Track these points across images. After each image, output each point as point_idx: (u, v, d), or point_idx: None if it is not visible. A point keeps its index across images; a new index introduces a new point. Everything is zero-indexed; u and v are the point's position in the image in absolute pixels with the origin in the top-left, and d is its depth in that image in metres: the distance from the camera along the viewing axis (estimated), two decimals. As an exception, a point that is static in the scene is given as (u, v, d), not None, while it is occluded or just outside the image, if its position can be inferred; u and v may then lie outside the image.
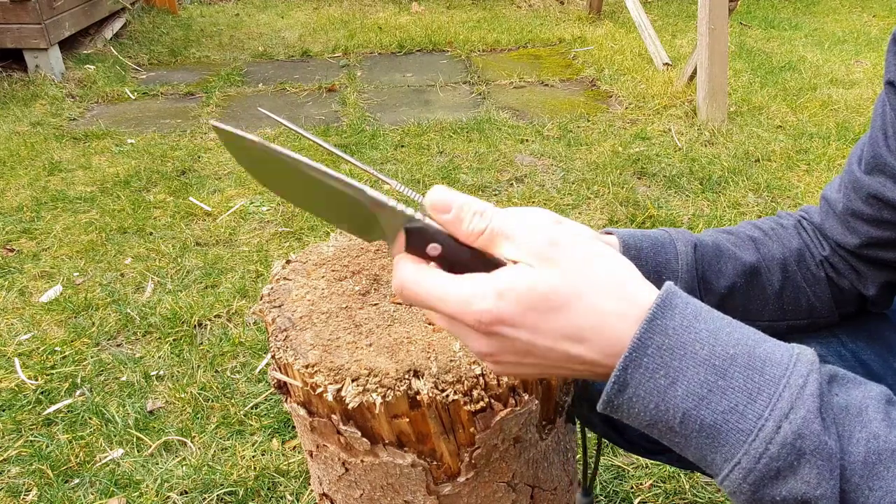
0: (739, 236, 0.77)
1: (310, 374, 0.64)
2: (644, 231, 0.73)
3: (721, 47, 3.07)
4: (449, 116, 3.45)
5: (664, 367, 0.45)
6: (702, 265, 0.73)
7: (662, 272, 0.70)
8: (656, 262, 0.70)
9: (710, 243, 0.74)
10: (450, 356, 0.65)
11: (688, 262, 0.72)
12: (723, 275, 0.73)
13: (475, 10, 5.75)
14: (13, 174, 2.88)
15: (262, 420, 1.61)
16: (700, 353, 0.45)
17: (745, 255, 0.75)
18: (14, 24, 3.83)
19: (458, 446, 0.66)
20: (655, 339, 0.45)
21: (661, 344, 0.45)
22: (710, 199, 2.59)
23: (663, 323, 0.45)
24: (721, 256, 0.74)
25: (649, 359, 0.45)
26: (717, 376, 0.44)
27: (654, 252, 0.71)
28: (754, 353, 0.45)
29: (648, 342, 0.45)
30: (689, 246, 0.73)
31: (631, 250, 0.69)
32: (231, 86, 4.02)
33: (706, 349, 0.45)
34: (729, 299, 0.74)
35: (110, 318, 1.97)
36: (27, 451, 1.54)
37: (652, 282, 0.68)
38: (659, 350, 0.45)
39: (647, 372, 0.45)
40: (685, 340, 0.45)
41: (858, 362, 0.79)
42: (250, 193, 2.70)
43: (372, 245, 0.84)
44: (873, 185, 0.69)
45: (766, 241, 0.77)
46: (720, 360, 0.45)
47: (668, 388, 0.45)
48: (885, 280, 0.74)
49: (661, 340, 0.45)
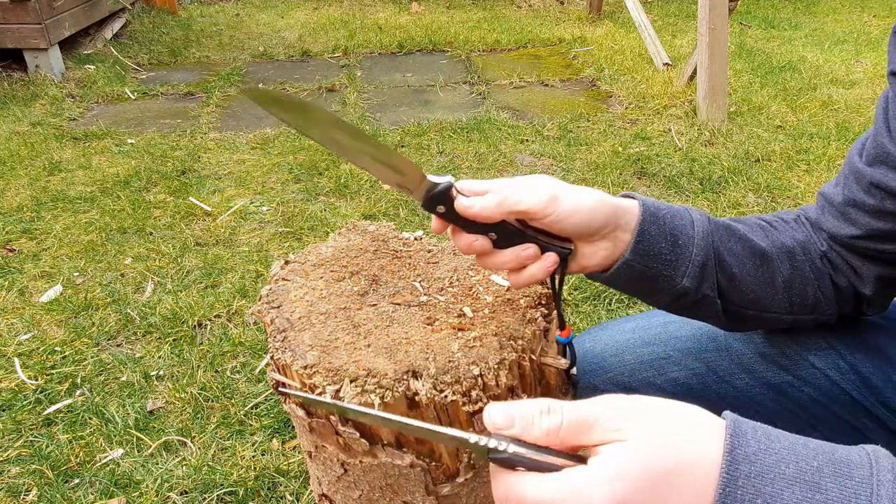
0: (748, 224, 0.77)
1: (308, 375, 0.64)
2: (660, 201, 0.73)
3: (721, 47, 3.07)
4: (449, 116, 3.45)
5: (760, 495, 0.44)
6: (715, 238, 0.72)
7: (679, 236, 0.69)
8: (673, 226, 0.69)
9: (722, 223, 0.74)
10: (448, 357, 0.65)
11: (704, 230, 0.71)
12: (734, 254, 0.72)
13: (475, 10, 5.75)
14: (13, 174, 2.88)
15: (262, 420, 1.61)
16: (787, 472, 0.44)
17: (755, 239, 0.74)
18: (14, 24, 3.83)
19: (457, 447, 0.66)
20: (742, 469, 0.44)
21: (748, 472, 0.44)
22: (710, 199, 2.59)
23: (743, 451, 0.45)
24: (732, 236, 0.73)
25: (742, 490, 0.44)
26: (813, 491, 0.44)
27: (672, 216, 0.70)
28: (835, 459, 0.45)
29: (736, 473, 0.44)
30: (703, 217, 0.72)
31: (650, 209, 0.68)
32: (231, 86, 4.02)
33: (792, 467, 0.44)
34: (741, 282, 0.73)
35: (110, 318, 1.97)
36: (27, 451, 1.54)
37: (669, 246, 0.68)
38: (749, 479, 0.44)
39: (745, 503, 0.44)
40: (769, 463, 0.45)
41: (857, 375, 0.79)
42: (250, 193, 2.70)
43: (371, 245, 0.84)
44: (875, 176, 0.69)
45: (773, 231, 0.77)
46: (808, 474, 0.44)
47: None
48: (879, 275, 0.74)
49: (748, 469, 0.44)
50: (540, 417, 0.47)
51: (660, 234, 0.68)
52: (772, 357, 0.83)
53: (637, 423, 0.46)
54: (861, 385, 0.79)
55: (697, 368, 0.86)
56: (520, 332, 0.69)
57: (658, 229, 0.68)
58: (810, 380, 0.81)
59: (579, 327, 1.90)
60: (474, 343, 0.67)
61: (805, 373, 0.81)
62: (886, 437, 0.79)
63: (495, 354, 0.65)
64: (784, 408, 0.82)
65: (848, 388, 0.80)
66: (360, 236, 0.86)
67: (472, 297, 0.74)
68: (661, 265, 0.68)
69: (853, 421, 0.80)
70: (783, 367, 0.82)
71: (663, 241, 0.68)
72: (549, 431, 0.47)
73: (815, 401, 0.81)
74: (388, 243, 0.84)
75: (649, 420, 0.46)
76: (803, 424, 0.82)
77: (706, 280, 0.70)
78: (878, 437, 0.79)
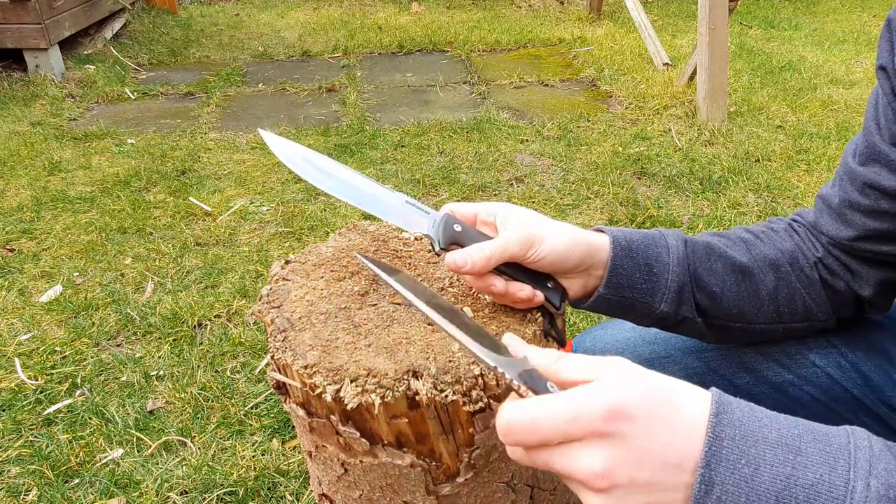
0: (731, 238, 0.78)
1: (308, 375, 0.64)
2: (635, 229, 0.74)
3: (721, 47, 3.07)
4: (449, 116, 3.45)
5: (744, 456, 0.45)
6: (693, 261, 0.73)
7: (654, 265, 0.71)
8: (647, 256, 0.71)
9: (702, 242, 0.75)
10: (448, 357, 0.65)
11: (678, 256, 0.72)
12: (714, 273, 0.74)
13: (475, 10, 5.75)
14: (13, 174, 2.88)
15: (262, 420, 1.61)
16: (770, 436, 0.46)
17: (736, 255, 0.75)
18: (14, 24, 3.83)
19: (458, 446, 0.66)
20: (727, 431, 0.46)
21: (733, 435, 0.46)
22: (710, 199, 2.59)
23: (728, 416, 0.46)
24: (712, 255, 0.74)
25: (728, 450, 0.45)
26: (794, 454, 0.45)
27: (645, 246, 0.72)
28: (814, 428, 0.47)
29: (721, 434, 0.46)
30: (679, 241, 0.74)
31: (621, 243, 0.70)
32: (231, 86, 4.02)
33: (774, 433, 0.46)
34: (722, 299, 0.74)
35: (110, 318, 1.97)
36: (27, 451, 1.54)
37: (643, 276, 0.70)
38: (734, 441, 0.45)
39: (730, 464, 0.45)
40: (753, 428, 0.46)
41: (858, 373, 0.79)
42: (250, 193, 2.70)
43: (371, 245, 0.84)
44: (868, 175, 0.69)
45: (756, 243, 0.77)
46: (790, 439, 0.46)
47: (754, 476, 0.45)
48: (880, 278, 0.74)
49: (733, 432, 0.46)
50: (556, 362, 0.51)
51: (633, 266, 0.71)
52: (773, 356, 0.83)
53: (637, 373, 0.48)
54: (862, 383, 0.79)
55: (698, 367, 0.86)
56: (520, 332, 0.69)
57: (631, 262, 0.71)
58: (811, 378, 0.81)
59: (579, 327, 1.90)
60: (475, 343, 0.67)
61: (806, 371, 0.81)
62: (887, 436, 0.79)
63: (496, 354, 0.65)
64: (784, 406, 0.82)
65: (849, 387, 0.80)
66: (360, 236, 0.86)
67: (473, 297, 0.74)
68: (636, 294, 0.71)
69: (854, 419, 0.80)
70: (784, 366, 0.82)
71: (637, 273, 0.71)
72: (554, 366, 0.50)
73: (815, 399, 0.81)
74: (388, 243, 0.84)
75: (647, 372, 0.49)
76: None
77: (684, 304, 0.73)
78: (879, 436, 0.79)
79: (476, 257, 0.66)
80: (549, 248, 0.66)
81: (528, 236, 0.66)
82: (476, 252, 0.66)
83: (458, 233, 0.71)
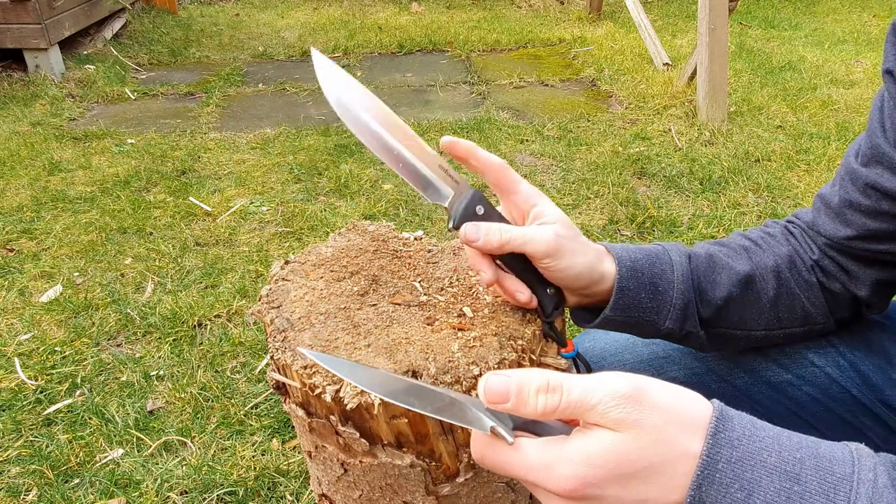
0: (731, 247, 0.78)
1: (308, 375, 0.64)
2: (638, 245, 0.74)
3: (721, 47, 3.07)
4: (449, 116, 3.45)
5: (738, 480, 0.44)
6: (697, 275, 0.73)
7: (659, 283, 0.71)
8: (652, 274, 0.71)
9: (704, 255, 0.75)
10: (448, 357, 0.65)
11: (683, 272, 0.72)
12: (718, 285, 0.73)
13: (475, 10, 5.75)
14: (13, 174, 2.88)
15: (262, 420, 1.61)
16: (769, 460, 0.44)
17: (738, 265, 0.75)
18: (14, 24, 3.83)
19: (457, 447, 0.66)
20: (723, 453, 0.44)
21: (729, 457, 0.44)
22: (710, 199, 2.59)
23: (727, 435, 0.45)
24: (715, 267, 0.74)
25: (721, 473, 0.44)
26: (792, 482, 0.44)
27: (650, 263, 0.71)
28: (819, 453, 0.45)
29: (717, 456, 0.44)
30: (683, 257, 0.73)
31: (626, 263, 0.69)
32: (231, 86, 4.02)
33: (774, 456, 0.44)
34: (725, 310, 0.74)
35: (110, 318, 1.97)
36: (27, 451, 1.54)
37: (649, 296, 0.70)
38: (729, 463, 0.44)
39: (722, 487, 0.44)
40: (751, 450, 0.45)
41: (857, 373, 0.79)
42: (250, 193, 2.70)
43: (371, 245, 0.84)
44: (871, 176, 0.69)
45: (757, 251, 0.77)
46: (790, 465, 0.44)
47: (746, 502, 0.44)
48: (876, 278, 0.74)
49: (729, 453, 0.44)
50: (537, 396, 0.46)
51: (639, 286, 0.70)
52: (771, 356, 0.83)
53: (632, 418, 0.46)
54: (861, 383, 0.79)
55: (697, 368, 0.86)
56: (520, 332, 0.69)
57: (636, 282, 0.70)
58: (810, 378, 0.81)
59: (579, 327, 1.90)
60: (474, 343, 0.67)
61: (805, 371, 0.81)
62: (886, 436, 0.79)
63: (495, 354, 0.65)
64: (783, 407, 0.82)
65: (848, 386, 0.80)
66: (359, 236, 0.86)
67: (472, 296, 0.74)
68: (642, 313, 0.71)
69: (852, 419, 0.80)
70: (783, 366, 0.82)
71: (643, 292, 0.70)
72: (546, 410, 0.46)
73: (814, 399, 0.81)
74: (387, 243, 0.84)
75: (645, 415, 0.46)
76: (802, 423, 0.82)
77: (689, 319, 0.73)
78: (878, 436, 0.79)
79: (493, 236, 0.64)
80: (566, 265, 0.65)
81: (557, 245, 0.64)
82: (495, 232, 0.64)
83: (478, 216, 0.67)
